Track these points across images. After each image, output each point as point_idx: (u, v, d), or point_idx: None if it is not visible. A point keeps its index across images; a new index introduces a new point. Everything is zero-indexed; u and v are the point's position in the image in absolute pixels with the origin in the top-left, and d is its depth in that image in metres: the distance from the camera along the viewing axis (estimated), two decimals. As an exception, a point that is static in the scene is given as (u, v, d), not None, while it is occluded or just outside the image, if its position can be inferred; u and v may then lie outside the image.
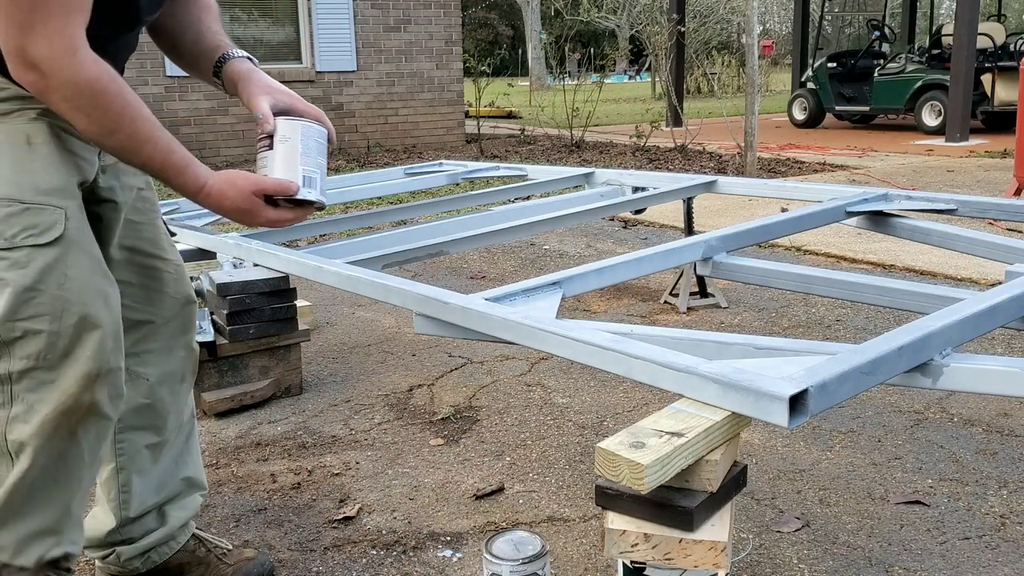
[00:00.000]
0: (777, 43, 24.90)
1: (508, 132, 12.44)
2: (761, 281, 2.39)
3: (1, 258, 1.27)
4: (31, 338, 1.29)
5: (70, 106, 1.25)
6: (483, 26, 33.58)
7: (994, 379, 1.43)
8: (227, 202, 1.43)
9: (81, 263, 1.33)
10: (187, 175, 1.39)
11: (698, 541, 1.25)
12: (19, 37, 1.20)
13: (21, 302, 1.28)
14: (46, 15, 1.20)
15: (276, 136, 1.46)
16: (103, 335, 1.35)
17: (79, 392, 1.34)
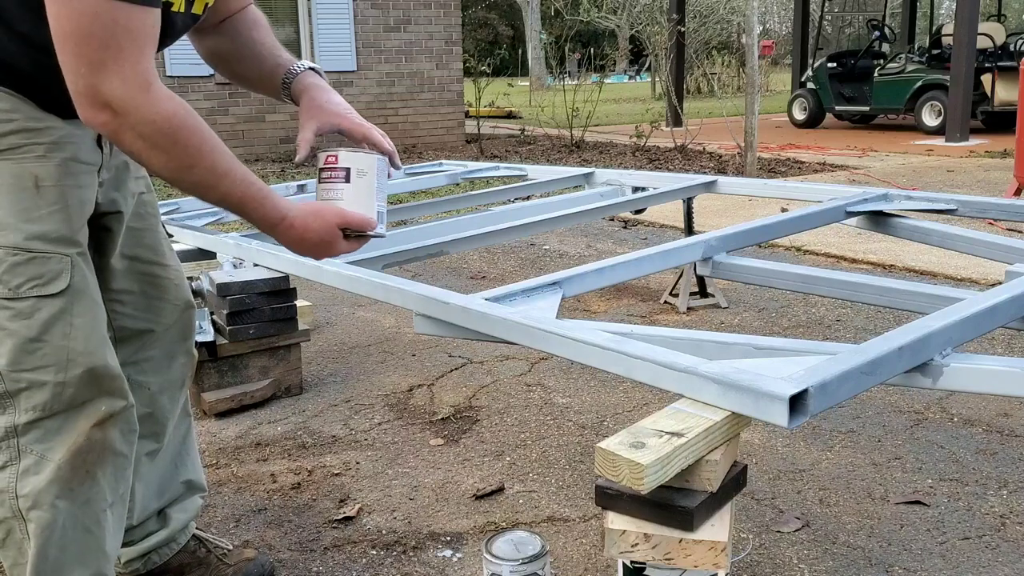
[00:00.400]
0: (777, 43, 24.91)
1: (508, 132, 12.44)
2: (761, 281, 2.39)
3: (5, 307, 1.25)
4: (36, 390, 1.27)
5: (146, 144, 1.20)
6: (483, 26, 33.58)
7: (994, 379, 1.43)
8: (311, 234, 1.38)
9: (87, 311, 1.31)
10: (267, 206, 1.34)
11: (698, 541, 1.25)
12: (90, 76, 1.15)
13: (25, 353, 1.26)
14: (117, 51, 1.15)
15: (353, 169, 1.38)
16: (112, 381, 1.33)
17: (90, 433, 1.31)
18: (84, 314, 1.30)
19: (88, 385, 1.30)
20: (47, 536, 1.30)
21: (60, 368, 1.27)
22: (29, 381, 1.26)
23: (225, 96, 9.86)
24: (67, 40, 1.15)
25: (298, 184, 3.80)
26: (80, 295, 1.30)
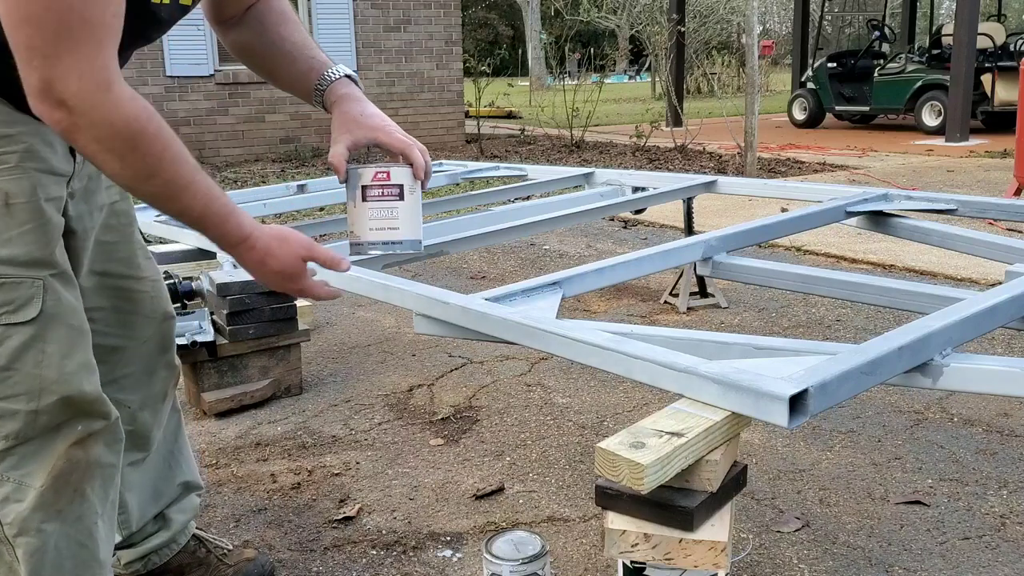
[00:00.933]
0: (777, 43, 24.91)
1: (508, 132, 12.44)
2: (761, 281, 2.39)
3: None
4: (7, 419, 1.21)
5: (101, 147, 1.11)
6: (483, 26, 33.57)
7: (994, 379, 1.43)
8: (272, 261, 1.29)
9: (62, 337, 1.24)
10: (230, 224, 1.25)
11: (698, 541, 1.25)
12: (44, 69, 1.06)
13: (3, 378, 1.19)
14: (73, 43, 1.06)
15: (406, 186, 1.30)
16: (90, 405, 1.27)
17: (70, 454, 1.26)
18: (58, 340, 1.23)
19: (63, 411, 1.25)
20: (38, 559, 1.26)
21: (32, 397, 1.21)
22: (1, 410, 1.20)
23: (225, 96, 9.86)
24: (18, 28, 1.06)
25: (298, 184, 3.81)
26: (53, 320, 1.22)
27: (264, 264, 1.30)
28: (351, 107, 1.39)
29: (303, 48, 1.46)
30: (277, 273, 1.31)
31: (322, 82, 1.42)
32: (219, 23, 1.50)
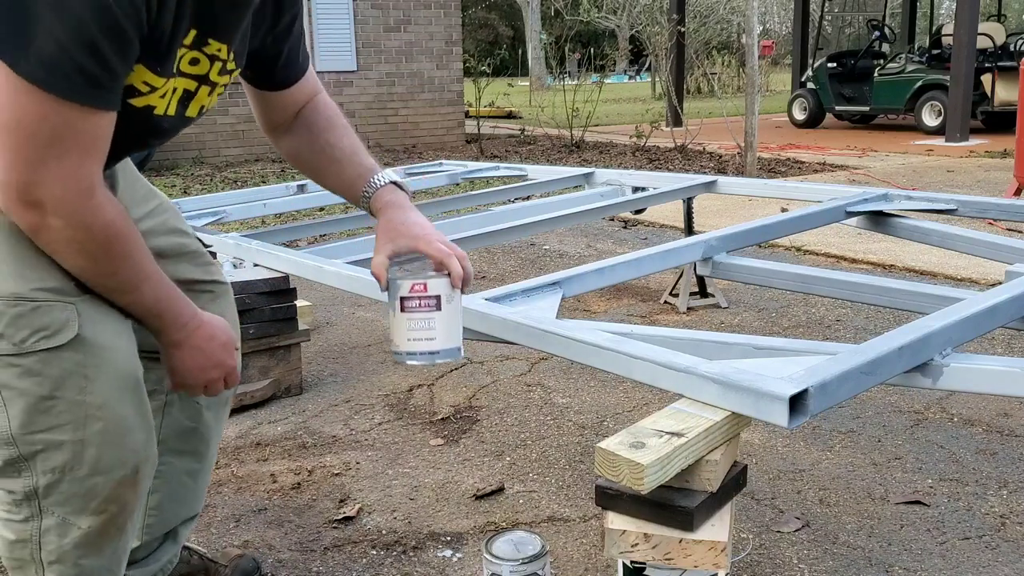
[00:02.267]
0: (777, 43, 24.91)
1: (508, 132, 12.44)
2: (761, 281, 2.39)
3: (13, 365, 1.15)
4: (53, 451, 1.17)
5: (74, 249, 1.12)
6: (483, 26, 33.58)
7: (994, 379, 1.44)
8: (220, 334, 1.33)
9: (102, 362, 1.19)
10: (182, 304, 1.28)
11: (698, 541, 1.25)
12: (26, 173, 1.06)
13: (38, 412, 1.15)
14: (62, 151, 1.07)
15: (443, 296, 1.30)
16: (135, 435, 1.22)
17: (120, 494, 1.22)
18: (98, 364, 1.19)
19: (110, 442, 1.20)
20: None
21: (78, 426, 1.17)
22: (45, 442, 1.16)
23: (225, 96, 9.84)
24: (9, 133, 1.06)
25: (298, 184, 3.81)
26: (92, 344, 1.18)
27: (213, 339, 1.32)
28: (393, 215, 1.39)
29: (351, 155, 1.46)
30: (223, 345, 1.34)
31: (368, 189, 1.43)
32: (271, 131, 1.52)
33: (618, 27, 28.16)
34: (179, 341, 1.29)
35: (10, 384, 1.15)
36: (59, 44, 1.04)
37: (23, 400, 1.15)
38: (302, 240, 4.54)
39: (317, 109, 1.50)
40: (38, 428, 1.15)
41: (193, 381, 1.34)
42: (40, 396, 1.15)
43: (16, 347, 1.14)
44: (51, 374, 1.15)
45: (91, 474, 1.19)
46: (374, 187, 1.42)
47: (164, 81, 1.21)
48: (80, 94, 1.07)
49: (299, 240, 4.49)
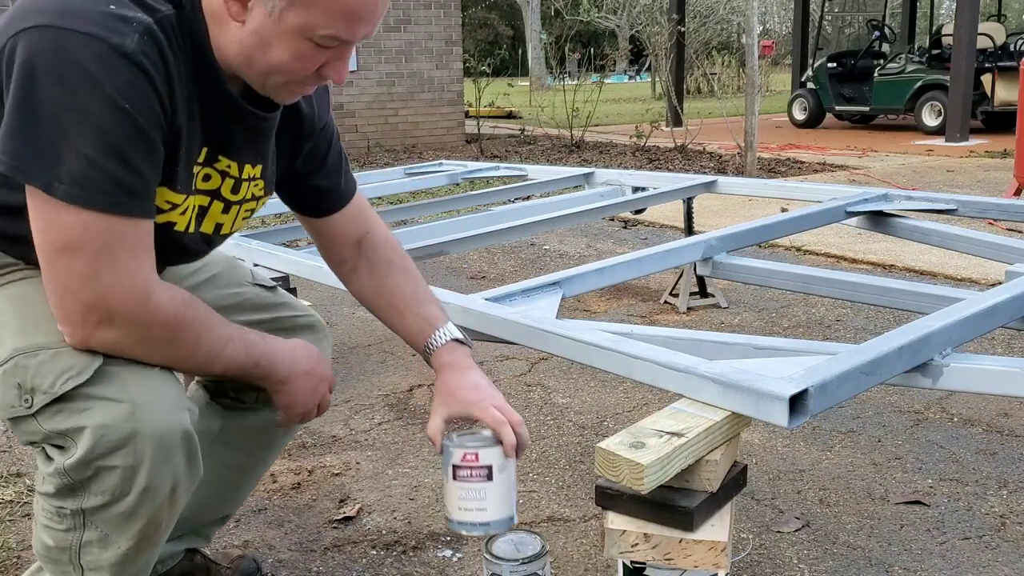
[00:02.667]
0: (777, 43, 24.90)
1: (508, 132, 12.44)
2: (761, 281, 2.39)
3: (58, 412, 1.14)
4: (105, 474, 1.16)
5: (146, 349, 1.16)
6: (483, 26, 33.57)
7: (994, 379, 1.44)
8: (311, 357, 1.36)
9: (140, 379, 1.18)
10: (274, 343, 1.31)
11: (698, 541, 1.25)
12: (82, 292, 1.10)
13: (97, 438, 1.14)
14: (111, 263, 1.10)
15: (495, 465, 1.30)
16: (177, 456, 1.20)
17: (159, 515, 1.21)
18: (137, 385, 1.17)
19: (159, 459, 1.17)
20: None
21: (128, 452, 1.15)
22: (97, 468, 1.15)
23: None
24: (57, 256, 1.09)
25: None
26: (122, 370, 1.17)
27: (308, 358, 1.36)
28: (450, 378, 1.39)
29: (412, 303, 1.47)
30: (317, 361, 1.37)
31: (429, 347, 1.43)
32: (336, 269, 1.56)
33: (618, 27, 28.15)
34: (285, 378, 1.32)
35: (65, 429, 1.15)
36: (88, 159, 1.07)
37: (84, 438, 1.14)
38: (302, 240, 4.54)
39: (376, 248, 1.51)
40: (95, 455, 1.14)
41: (306, 408, 1.37)
42: (99, 424, 1.14)
43: (50, 395, 1.14)
44: (95, 415, 1.14)
45: (140, 499, 1.18)
46: (434, 346, 1.42)
47: (184, 198, 1.24)
48: (118, 204, 1.10)
49: (299, 240, 4.49)
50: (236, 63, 1.19)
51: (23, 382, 1.16)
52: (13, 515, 2.07)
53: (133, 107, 1.08)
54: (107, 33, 1.07)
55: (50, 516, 1.20)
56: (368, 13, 1.15)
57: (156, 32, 1.11)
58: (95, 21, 1.07)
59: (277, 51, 1.15)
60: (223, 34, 1.17)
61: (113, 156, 1.08)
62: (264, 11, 1.13)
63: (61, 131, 1.06)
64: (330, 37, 1.15)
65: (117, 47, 1.07)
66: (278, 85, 1.21)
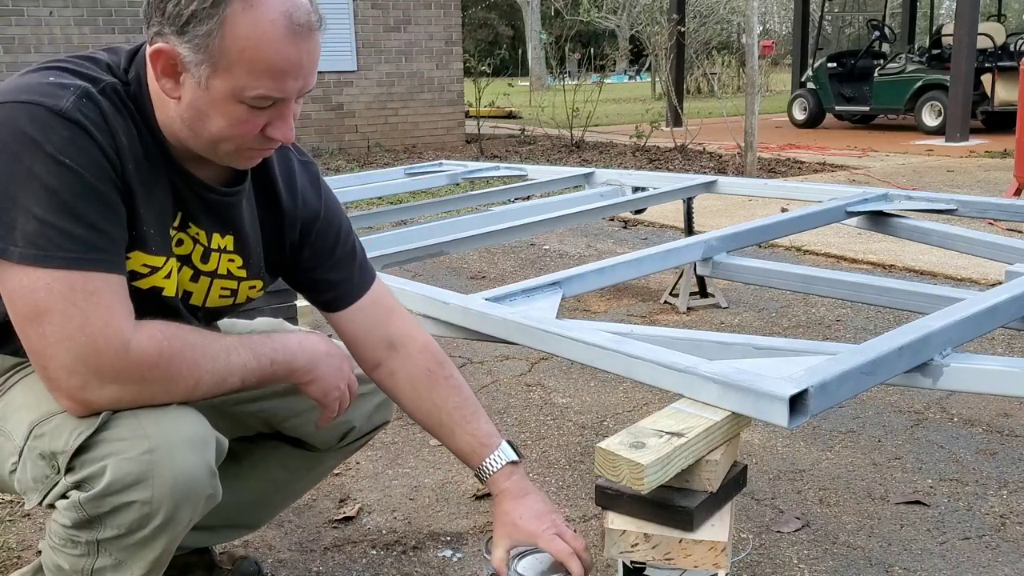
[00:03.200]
0: (777, 43, 24.89)
1: (508, 132, 12.44)
2: (761, 281, 2.39)
3: (81, 464, 1.13)
4: (123, 510, 1.15)
5: (148, 394, 1.15)
6: (483, 26, 33.58)
7: (994, 379, 1.44)
8: (322, 342, 1.34)
9: (155, 418, 1.17)
10: (283, 337, 1.29)
11: (698, 541, 1.25)
12: (60, 354, 1.09)
13: (115, 475, 1.13)
14: (83, 320, 1.09)
15: None
16: (200, 484, 1.19)
17: (171, 546, 1.21)
18: (152, 419, 1.16)
19: (179, 495, 1.16)
20: None
21: (145, 487, 1.14)
22: (115, 504, 1.15)
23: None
24: (28, 324, 1.09)
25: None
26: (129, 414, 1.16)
27: (321, 342, 1.33)
28: (511, 508, 1.37)
29: (460, 421, 1.43)
30: (328, 343, 1.34)
31: (484, 471, 1.41)
32: (371, 374, 1.50)
33: (618, 27, 28.15)
34: (308, 365, 1.30)
35: (88, 474, 1.14)
36: (39, 219, 1.06)
37: (104, 476, 1.13)
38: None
39: (412, 357, 1.46)
40: (112, 490, 1.13)
41: (340, 390, 1.34)
42: (113, 463, 1.13)
43: (67, 452, 1.14)
44: (110, 448, 1.13)
45: (154, 533, 1.17)
46: (490, 471, 1.41)
47: (164, 260, 1.24)
48: (77, 260, 1.08)
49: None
50: (183, 137, 1.20)
51: (44, 451, 1.16)
52: (13, 515, 2.07)
53: (76, 163, 1.08)
54: (42, 98, 1.09)
55: (64, 542, 1.19)
56: (293, 68, 1.14)
57: (94, 94, 1.13)
58: (33, 91, 1.10)
59: (215, 119, 1.16)
60: (166, 112, 1.19)
61: (64, 213, 1.07)
62: (193, 83, 1.14)
63: (11, 198, 1.06)
64: (261, 97, 1.14)
65: (52, 108, 1.08)
66: (229, 152, 1.21)
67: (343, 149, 10.30)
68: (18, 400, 1.23)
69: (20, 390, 1.25)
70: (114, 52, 1.23)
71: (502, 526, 1.37)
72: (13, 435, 1.21)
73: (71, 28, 9.09)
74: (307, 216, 1.42)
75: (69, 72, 1.15)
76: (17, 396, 1.24)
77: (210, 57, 1.11)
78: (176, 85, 1.15)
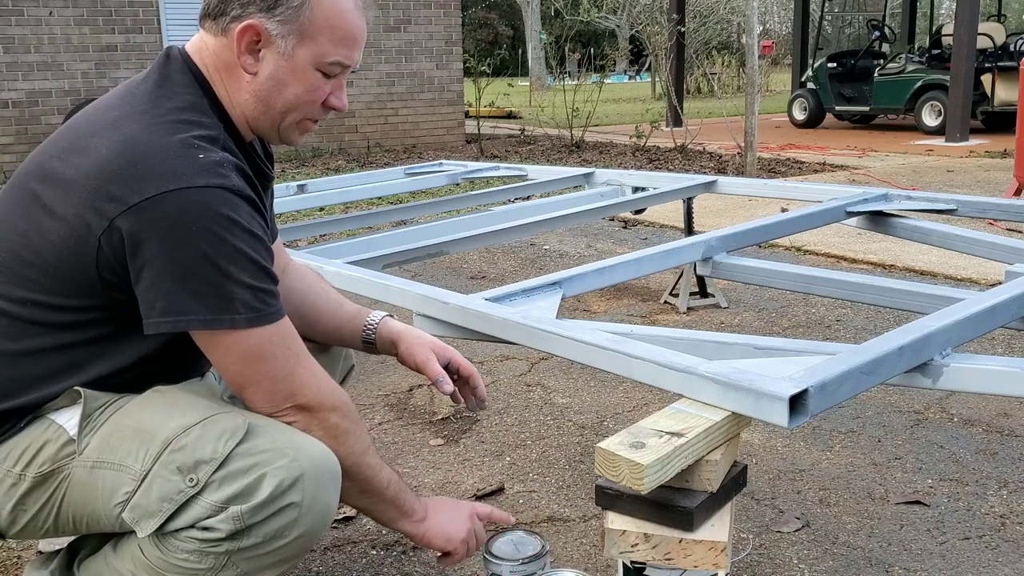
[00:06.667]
0: (777, 43, 24.88)
1: (508, 132, 12.44)
2: (761, 281, 2.39)
3: (224, 477, 1.19)
4: (278, 515, 1.20)
5: (344, 426, 1.32)
6: (483, 26, 33.59)
7: (994, 379, 1.44)
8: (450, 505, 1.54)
9: (284, 432, 1.26)
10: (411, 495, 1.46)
11: (698, 541, 1.25)
12: (285, 384, 1.26)
13: (280, 479, 1.20)
14: (296, 359, 1.28)
15: None
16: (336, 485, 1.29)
17: (303, 552, 1.28)
18: (282, 432, 1.26)
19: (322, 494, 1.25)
20: None
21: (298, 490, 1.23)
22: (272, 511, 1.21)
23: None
24: (254, 370, 1.24)
25: (298, 184, 3.81)
26: (266, 421, 1.28)
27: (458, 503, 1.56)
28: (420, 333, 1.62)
29: (343, 303, 1.65)
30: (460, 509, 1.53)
31: (371, 323, 1.61)
32: None
33: (618, 27, 28.14)
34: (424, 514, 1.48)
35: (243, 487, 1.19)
36: (250, 287, 1.22)
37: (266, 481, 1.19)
38: (302, 240, 4.54)
39: (297, 268, 1.66)
40: (277, 494, 1.20)
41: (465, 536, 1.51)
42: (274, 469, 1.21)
43: (215, 460, 1.20)
44: (262, 458, 1.21)
45: (294, 540, 1.23)
46: (378, 320, 1.61)
47: None
48: (278, 312, 1.26)
49: (299, 240, 4.49)
50: (253, 116, 1.34)
51: (183, 464, 1.19)
52: (13, 515, 2.07)
53: (258, 230, 1.24)
54: (217, 180, 1.21)
55: (186, 556, 1.20)
56: (361, 37, 1.34)
57: (235, 161, 1.27)
58: (199, 172, 1.20)
59: (292, 87, 1.32)
60: (237, 92, 1.33)
61: (264, 275, 1.24)
62: (277, 54, 1.29)
63: (223, 273, 1.19)
64: (336, 64, 1.32)
65: (231, 188, 1.22)
66: (291, 125, 1.36)
67: (343, 149, 10.30)
68: (132, 426, 1.25)
69: (129, 419, 1.26)
70: (168, 82, 1.30)
71: (418, 345, 1.56)
72: (129, 462, 1.22)
73: (71, 28, 9.10)
74: None
75: (190, 129, 1.24)
76: (127, 423, 1.26)
77: (299, 28, 1.28)
78: (255, 60, 1.30)
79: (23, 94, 8.97)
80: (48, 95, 9.01)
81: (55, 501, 1.27)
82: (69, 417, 1.27)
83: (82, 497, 1.25)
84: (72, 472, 1.25)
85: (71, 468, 1.25)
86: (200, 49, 1.33)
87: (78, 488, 1.25)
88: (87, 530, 1.31)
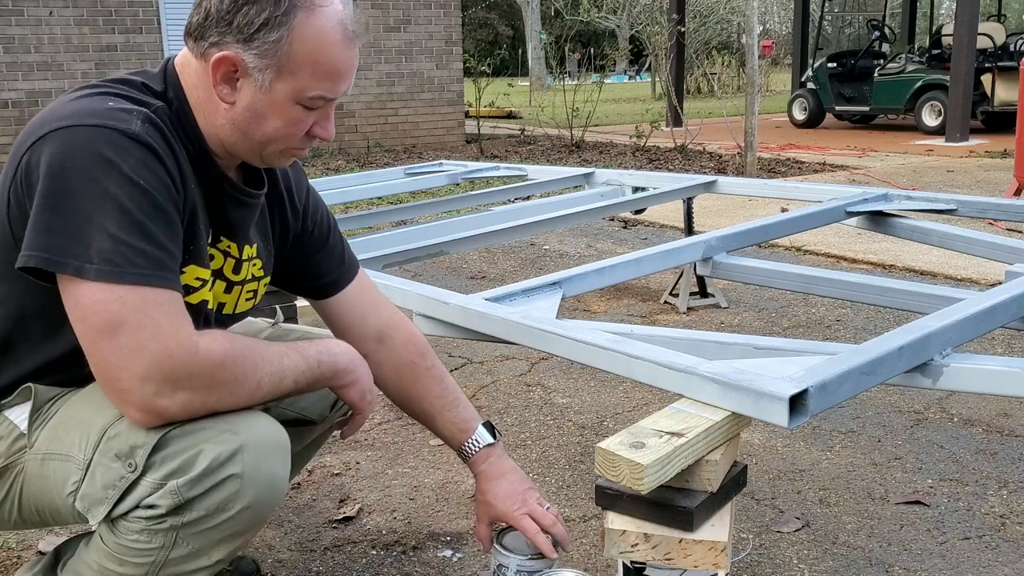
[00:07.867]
0: (777, 43, 24.89)
1: (508, 132, 12.44)
2: (761, 281, 2.39)
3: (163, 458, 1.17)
4: (218, 487, 1.18)
5: (216, 396, 1.18)
6: (483, 26, 33.59)
7: (994, 379, 1.44)
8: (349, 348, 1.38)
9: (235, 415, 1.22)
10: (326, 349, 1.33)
11: (698, 541, 1.25)
12: (135, 365, 1.12)
13: (215, 453, 1.17)
14: (154, 330, 1.12)
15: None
16: (280, 457, 1.24)
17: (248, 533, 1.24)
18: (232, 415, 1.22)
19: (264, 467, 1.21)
20: None
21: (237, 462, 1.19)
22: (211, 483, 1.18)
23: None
24: (101, 338, 1.12)
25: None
26: None
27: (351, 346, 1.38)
28: (488, 487, 1.51)
29: (441, 409, 1.55)
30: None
31: (464, 453, 1.54)
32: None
33: (618, 27, 28.14)
34: (349, 366, 1.35)
35: (180, 463, 1.16)
36: (114, 237, 1.11)
37: (202, 456, 1.16)
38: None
39: (397, 349, 1.55)
40: (214, 467, 1.17)
41: (373, 394, 1.41)
42: (209, 443, 1.17)
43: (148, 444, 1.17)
44: (197, 434, 1.17)
45: (239, 512, 1.20)
46: (468, 454, 1.53)
47: (209, 273, 1.31)
48: (149, 276, 1.13)
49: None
50: (231, 142, 1.28)
51: (119, 451, 1.18)
52: (13, 515, 2.07)
53: (148, 184, 1.14)
54: (114, 122, 1.14)
55: (127, 547, 1.19)
56: (347, 70, 1.25)
57: (154, 119, 1.20)
58: (102, 115, 1.15)
59: (271, 121, 1.25)
60: (214, 119, 1.26)
61: (137, 231, 1.13)
62: (254, 87, 1.22)
63: (86, 216, 1.11)
64: (317, 98, 1.24)
65: (125, 131, 1.14)
66: (274, 153, 1.30)
67: (343, 149, 10.30)
68: (74, 417, 1.25)
69: (72, 410, 1.26)
70: (143, 74, 1.30)
71: (480, 505, 1.51)
72: (73, 452, 1.22)
73: (71, 28, 9.10)
74: (307, 206, 1.52)
75: (121, 97, 1.21)
76: (71, 415, 1.26)
77: (277, 62, 1.21)
78: (232, 91, 1.24)
79: (23, 94, 8.98)
80: (48, 95, 9.01)
81: (14, 495, 1.28)
82: (20, 413, 1.27)
83: (38, 489, 1.26)
84: (25, 466, 1.26)
85: (24, 462, 1.26)
86: (186, 64, 1.29)
87: (33, 481, 1.25)
88: (53, 522, 1.32)
